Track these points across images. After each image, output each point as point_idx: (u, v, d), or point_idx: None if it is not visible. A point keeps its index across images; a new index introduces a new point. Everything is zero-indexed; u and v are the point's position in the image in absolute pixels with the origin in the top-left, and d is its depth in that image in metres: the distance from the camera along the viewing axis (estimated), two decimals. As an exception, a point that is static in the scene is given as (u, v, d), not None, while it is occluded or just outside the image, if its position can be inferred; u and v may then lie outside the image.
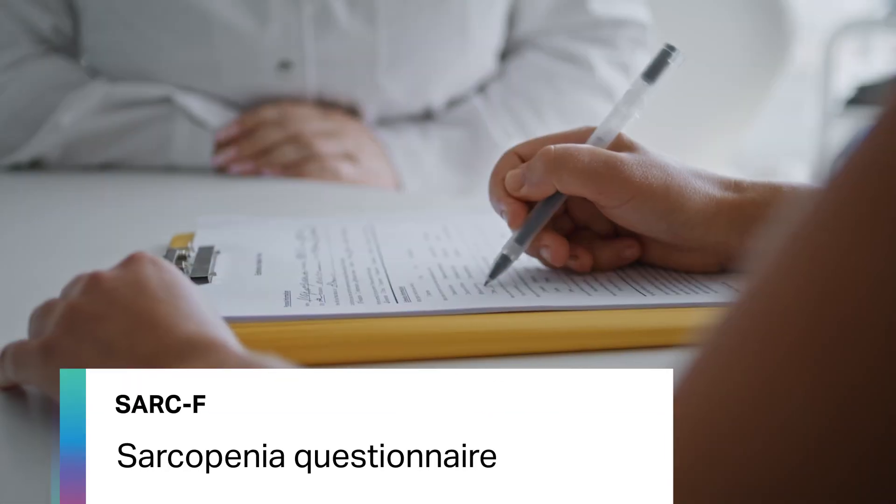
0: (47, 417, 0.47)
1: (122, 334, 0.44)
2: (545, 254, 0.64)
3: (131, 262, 0.48)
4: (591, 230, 0.66)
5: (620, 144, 0.64)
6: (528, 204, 0.63)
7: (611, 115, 0.64)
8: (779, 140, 3.31)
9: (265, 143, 1.02)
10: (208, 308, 0.47)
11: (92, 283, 0.47)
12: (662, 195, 0.60)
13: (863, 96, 3.22)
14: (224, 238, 0.71)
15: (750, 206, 0.61)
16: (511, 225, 0.63)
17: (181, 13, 1.00)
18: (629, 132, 0.65)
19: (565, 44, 1.15)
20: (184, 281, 0.47)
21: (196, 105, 1.03)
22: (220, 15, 1.00)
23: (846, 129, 3.40)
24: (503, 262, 0.62)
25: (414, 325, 0.54)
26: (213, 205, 0.93)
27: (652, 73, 0.64)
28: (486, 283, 0.62)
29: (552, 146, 0.62)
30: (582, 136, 0.65)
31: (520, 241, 0.62)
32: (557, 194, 0.62)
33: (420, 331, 0.53)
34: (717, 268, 0.63)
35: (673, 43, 0.65)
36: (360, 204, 0.93)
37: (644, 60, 1.17)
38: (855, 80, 3.27)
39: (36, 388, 0.49)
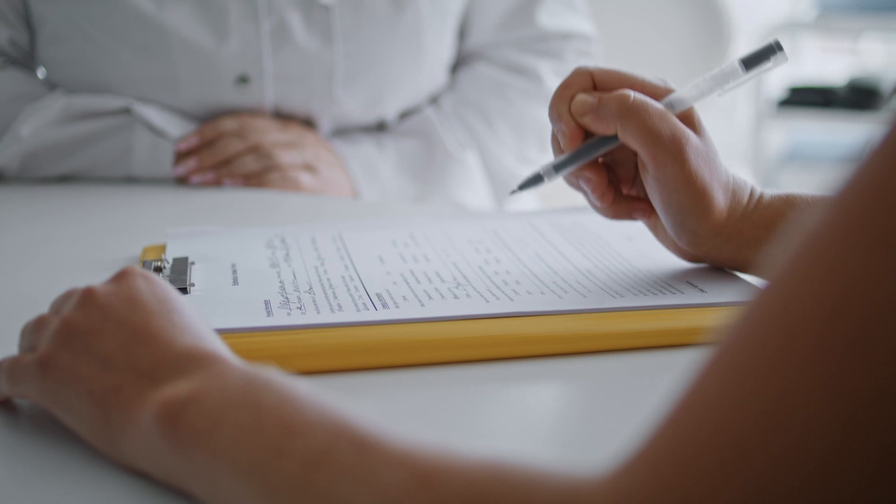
0: (39, 430, 0.48)
1: (120, 348, 0.45)
2: (585, 185, 0.64)
3: (123, 276, 0.49)
4: (613, 173, 0.66)
5: (690, 118, 0.63)
6: (586, 133, 0.63)
7: (692, 85, 0.63)
8: (714, 141, 3.38)
9: (226, 153, 1.03)
10: (201, 321, 0.48)
11: (85, 298, 0.48)
12: (698, 196, 0.61)
13: (794, 97, 3.30)
14: (196, 249, 0.72)
15: (749, 229, 0.63)
16: (564, 146, 0.63)
17: (140, 28, 1.00)
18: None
19: (514, 56, 1.18)
20: (175, 295, 0.48)
21: (155, 116, 1.03)
22: (179, 30, 1.01)
23: (779, 130, 3.48)
24: (535, 180, 0.64)
25: (400, 333, 0.56)
26: (176, 215, 0.94)
27: (750, 62, 0.62)
28: (512, 192, 0.67)
29: (633, 93, 0.61)
30: (659, 92, 0.63)
31: (557, 168, 0.63)
32: (615, 138, 0.62)
33: (406, 338, 0.55)
34: (698, 261, 0.67)
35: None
36: (322, 212, 0.94)
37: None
38: (786, 82, 3.35)
39: (27, 402, 0.50)
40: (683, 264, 0.67)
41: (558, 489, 0.30)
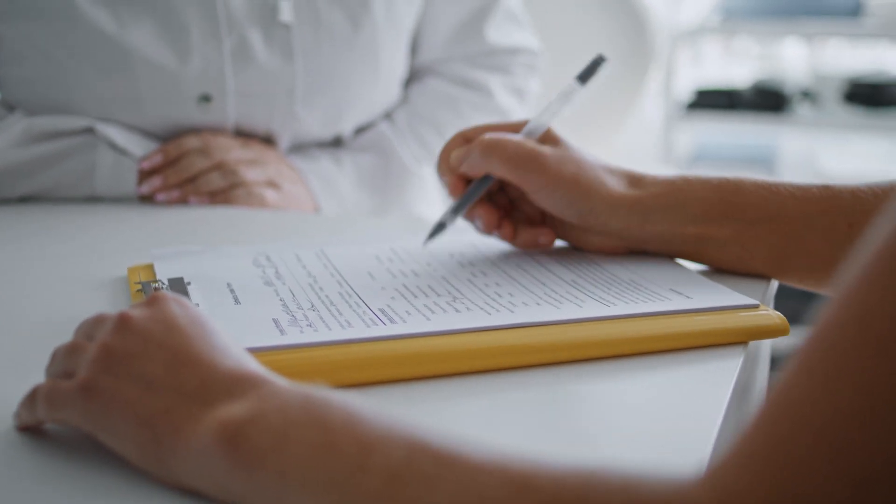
0: (71, 455, 0.48)
1: (164, 371, 0.46)
2: (478, 223, 0.77)
3: (156, 301, 0.50)
4: (522, 211, 0.78)
5: (548, 137, 0.75)
6: (467, 180, 0.76)
7: (544, 110, 0.75)
8: (626, 143, 3.45)
9: (191, 171, 1.03)
10: (235, 343, 0.49)
11: (122, 323, 0.49)
12: (572, 185, 0.72)
13: (701, 100, 3.39)
14: (186, 269, 0.72)
15: (648, 198, 0.72)
16: (451, 195, 0.76)
17: (101, 47, 1.00)
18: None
19: (464, 71, 1.21)
20: (208, 318, 0.49)
21: (117, 135, 1.03)
22: (142, 50, 1.01)
23: (687, 131, 3.58)
24: (439, 228, 0.76)
25: (422, 346, 0.57)
26: (148, 234, 0.94)
27: (584, 76, 0.76)
28: (424, 243, 0.76)
29: (490, 134, 0.74)
30: (518, 127, 0.76)
31: (454, 211, 0.75)
32: (489, 176, 0.75)
33: (430, 351, 0.57)
34: (624, 250, 0.75)
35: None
36: (296, 227, 0.95)
37: (536, 85, 1.25)
38: (693, 85, 3.44)
39: (56, 426, 0.50)
40: (661, 274, 0.70)
41: (659, 488, 0.33)
